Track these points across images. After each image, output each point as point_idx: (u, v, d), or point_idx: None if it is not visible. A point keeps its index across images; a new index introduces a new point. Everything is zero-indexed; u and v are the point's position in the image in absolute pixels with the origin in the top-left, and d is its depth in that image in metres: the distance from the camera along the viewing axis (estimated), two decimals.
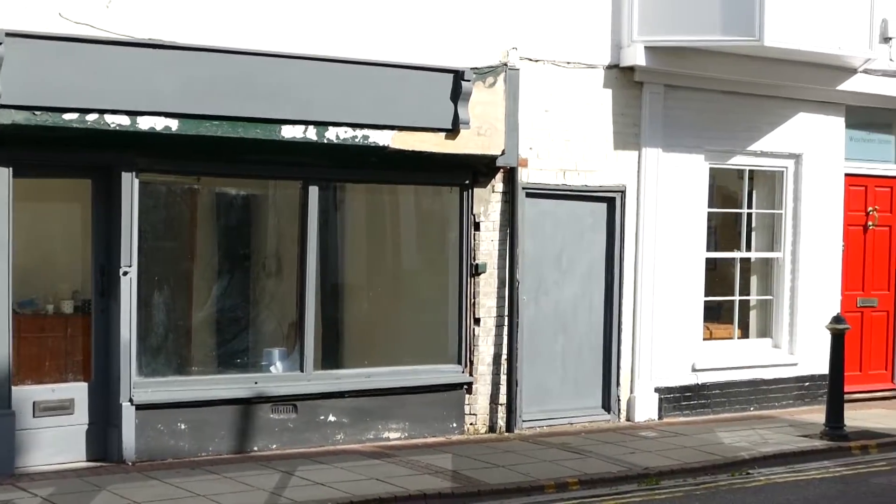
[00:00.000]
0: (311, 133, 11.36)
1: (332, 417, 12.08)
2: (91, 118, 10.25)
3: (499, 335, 13.01)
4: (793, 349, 15.32)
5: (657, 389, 14.14)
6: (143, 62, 10.48)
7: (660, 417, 14.12)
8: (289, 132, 11.25)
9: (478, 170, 12.77)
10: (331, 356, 12.52)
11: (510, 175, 12.92)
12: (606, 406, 13.93)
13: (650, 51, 13.58)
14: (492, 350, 13.00)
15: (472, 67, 12.24)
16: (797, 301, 15.26)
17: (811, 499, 10.73)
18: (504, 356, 13.01)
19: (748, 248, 15.27)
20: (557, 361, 13.63)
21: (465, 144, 12.27)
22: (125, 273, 10.92)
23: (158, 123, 10.54)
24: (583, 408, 13.80)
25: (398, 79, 11.82)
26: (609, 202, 13.86)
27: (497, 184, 12.94)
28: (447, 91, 12.09)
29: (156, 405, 11.08)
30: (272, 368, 12.08)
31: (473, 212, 12.84)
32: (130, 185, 10.91)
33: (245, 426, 11.58)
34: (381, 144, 11.78)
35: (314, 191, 12.02)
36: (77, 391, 10.97)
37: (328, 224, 12.44)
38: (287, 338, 12.28)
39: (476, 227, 12.87)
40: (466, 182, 12.80)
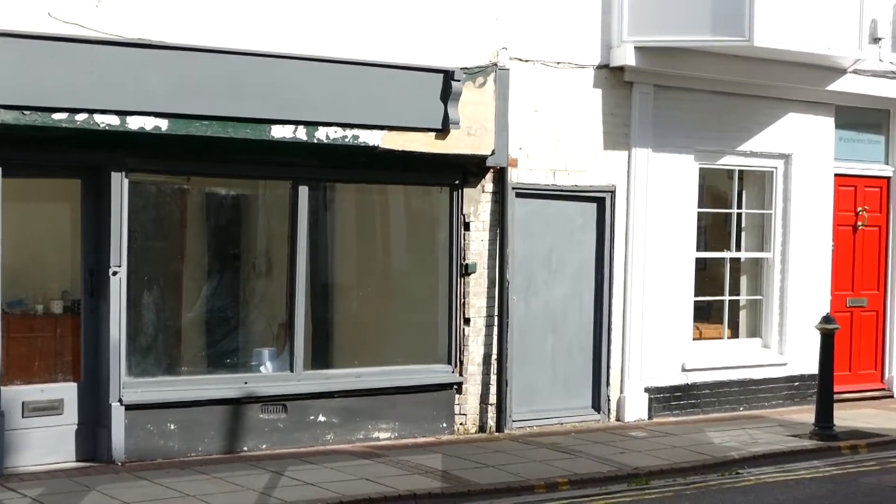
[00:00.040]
0: (301, 133, 11.36)
1: (322, 417, 12.07)
2: (80, 118, 10.23)
3: (489, 335, 13.02)
4: (782, 349, 15.34)
5: (647, 389, 14.15)
6: (133, 62, 10.46)
7: (649, 417, 14.12)
8: (279, 132, 11.24)
9: (468, 170, 12.77)
10: (320, 356, 12.52)
11: (500, 175, 12.92)
12: (596, 406, 13.93)
13: (640, 51, 13.59)
14: (482, 350, 13.00)
15: (463, 67, 12.24)
16: (787, 301, 15.28)
17: (801, 498, 10.74)
18: (494, 356, 13.01)
19: (738, 248, 15.29)
20: (547, 361, 13.63)
21: (455, 144, 12.26)
22: (115, 273, 10.91)
23: (148, 123, 10.53)
24: (572, 408, 13.80)
25: (388, 79, 11.81)
26: (599, 202, 13.86)
27: (487, 184, 12.94)
28: (437, 91, 12.09)
29: (145, 405, 11.07)
30: (262, 368, 12.07)
31: (463, 212, 12.84)
32: (120, 185, 10.90)
33: (235, 426, 11.57)
34: (371, 144, 11.77)
35: (304, 191, 12.01)
36: (66, 391, 10.95)
37: (318, 224, 12.43)
38: (277, 338, 12.27)
39: (466, 227, 12.87)
40: (456, 182, 12.80)
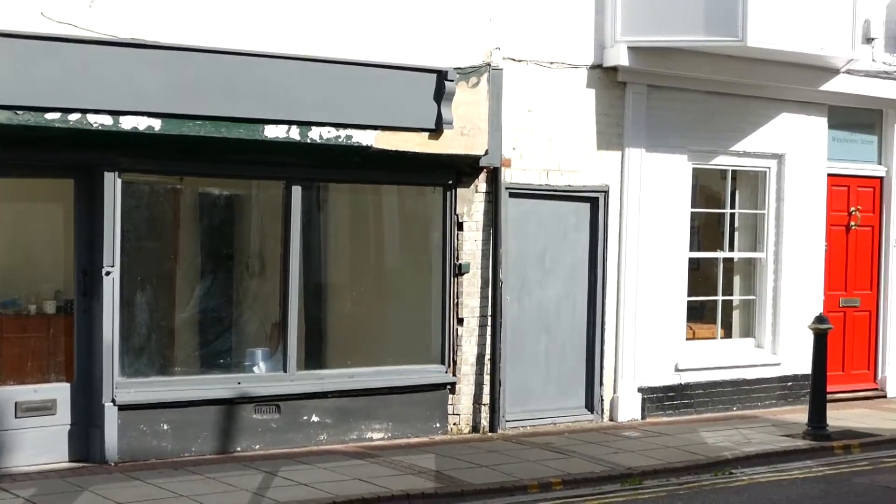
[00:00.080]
0: (295, 133, 11.35)
1: (316, 418, 12.06)
2: (73, 118, 10.21)
3: (482, 335, 13.01)
4: (776, 349, 15.35)
5: (640, 389, 14.15)
6: (126, 62, 10.45)
7: (643, 417, 14.13)
8: (272, 132, 11.23)
9: (461, 170, 12.77)
10: (314, 356, 12.51)
11: (493, 175, 12.92)
12: (590, 406, 13.94)
13: (633, 51, 13.60)
14: (475, 350, 13.00)
15: (456, 67, 12.24)
16: (780, 301, 15.30)
17: (794, 498, 10.75)
18: (487, 356, 13.01)
19: (731, 248, 15.30)
20: (541, 361, 13.63)
21: (449, 144, 12.26)
22: (108, 273, 10.89)
23: (141, 123, 10.51)
24: (566, 408, 13.80)
25: (381, 79, 11.81)
26: (592, 202, 13.86)
27: (480, 184, 12.94)
28: (430, 91, 12.09)
29: (138, 405, 11.06)
30: (255, 369, 12.06)
31: (457, 212, 12.84)
32: (113, 185, 10.88)
33: (228, 427, 11.56)
34: (365, 144, 11.77)
35: (297, 191, 12.00)
36: (59, 391, 10.94)
37: (311, 224, 12.42)
38: (270, 338, 12.26)
39: (459, 227, 12.86)
40: (450, 182, 12.80)
